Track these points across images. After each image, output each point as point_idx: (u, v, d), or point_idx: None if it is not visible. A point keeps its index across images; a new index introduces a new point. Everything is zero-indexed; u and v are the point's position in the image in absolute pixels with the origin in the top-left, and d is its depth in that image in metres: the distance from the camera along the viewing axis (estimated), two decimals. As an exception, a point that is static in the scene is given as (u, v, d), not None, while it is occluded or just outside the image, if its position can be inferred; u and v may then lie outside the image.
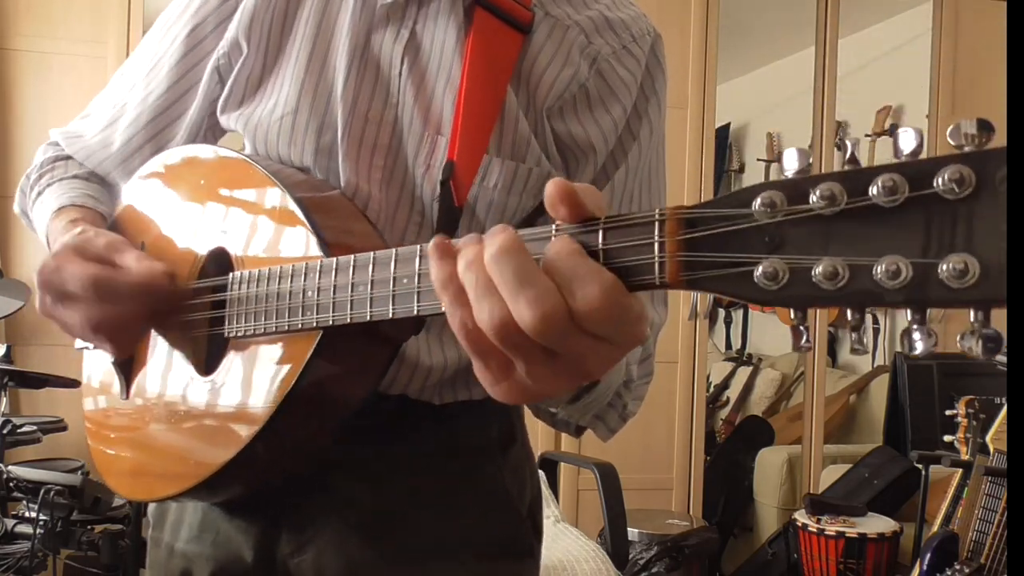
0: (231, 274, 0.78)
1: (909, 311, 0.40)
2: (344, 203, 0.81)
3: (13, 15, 2.90)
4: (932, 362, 3.47)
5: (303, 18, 0.87)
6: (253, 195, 0.81)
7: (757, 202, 0.42)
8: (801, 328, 0.44)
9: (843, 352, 4.54)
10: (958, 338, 0.38)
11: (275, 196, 0.77)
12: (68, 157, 1.02)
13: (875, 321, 4.30)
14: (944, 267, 0.38)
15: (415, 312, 0.58)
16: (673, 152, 3.44)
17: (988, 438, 2.40)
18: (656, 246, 0.46)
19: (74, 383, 2.38)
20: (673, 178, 0.92)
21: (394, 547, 0.84)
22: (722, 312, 5.07)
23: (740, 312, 5.06)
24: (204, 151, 0.90)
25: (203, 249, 0.84)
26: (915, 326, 0.40)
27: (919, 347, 0.40)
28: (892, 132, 4.24)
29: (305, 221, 0.73)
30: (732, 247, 0.43)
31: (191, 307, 0.82)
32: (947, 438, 2.53)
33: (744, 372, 4.69)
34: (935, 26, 3.69)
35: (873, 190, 0.39)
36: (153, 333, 0.86)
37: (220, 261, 0.82)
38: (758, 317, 4.93)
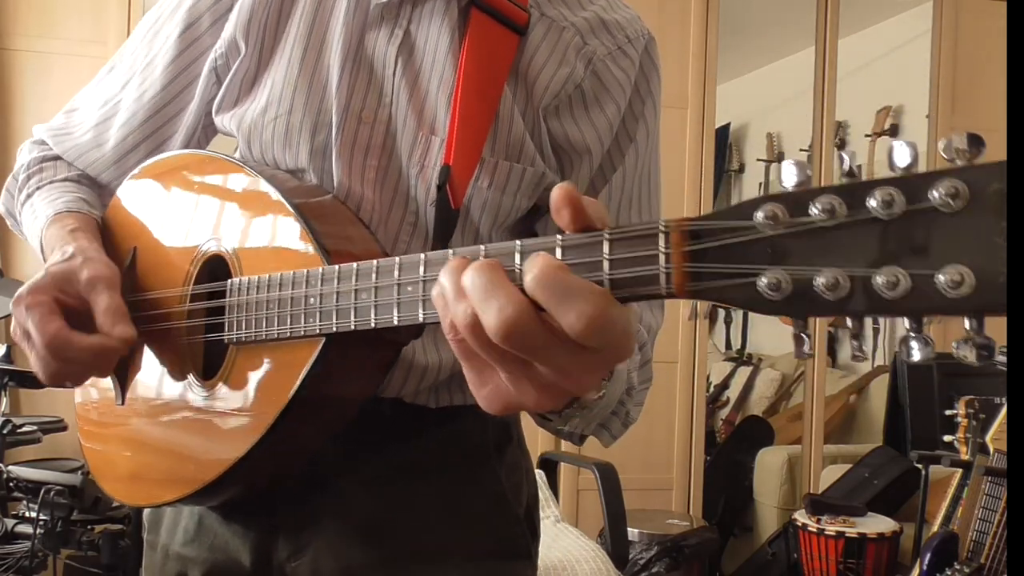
0: (230, 280, 0.78)
1: (907, 319, 0.42)
2: (339, 208, 0.81)
3: (13, 15, 2.90)
4: (932, 362, 3.46)
5: (296, 16, 0.86)
6: (250, 200, 0.80)
7: (759, 214, 0.43)
8: (803, 335, 0.45)
9: (843, 352, 4.53)
10: (953, 346, 0.40)
11: (272, 201, 0.76)
12: (56, 157, 1.00)
13: (875, 322, 4.26)
14: (940, 278, 0.39)
15: (420, 319, 0.58)
16: (673, 152, 3.43)
17: (988, 438, 2.40)
18: (662, 257, 0.47)
19: (74, 383, 2.37)
20: (673, 178, 0.92)
21: (390, 550, 0.84)
22: (722, 312, 5.07)
23: (740, 312, 5.05)
24: (197, 155, 0.88)
25: (198, 254, 0.83)
26: (912, 334, 0.42)
27: (916, 355, 0.42)
28: (893, 132, 4.25)
29: (304, 227, 0.72)
30: (736, 258, 0.44)
31: (188, 313, 0.82)
32: (947, 438, 2.53)
33: (744, 372, 4.69)
34: (935, 26, 3.68)
35: (871, 203, 0.41)
36: (148, 338, 0.85)
37: (217, 267, 0.81)
38: (758, 317, 4.92)
